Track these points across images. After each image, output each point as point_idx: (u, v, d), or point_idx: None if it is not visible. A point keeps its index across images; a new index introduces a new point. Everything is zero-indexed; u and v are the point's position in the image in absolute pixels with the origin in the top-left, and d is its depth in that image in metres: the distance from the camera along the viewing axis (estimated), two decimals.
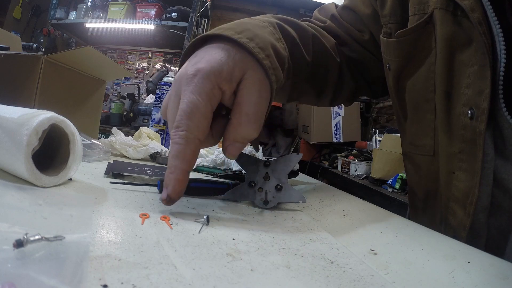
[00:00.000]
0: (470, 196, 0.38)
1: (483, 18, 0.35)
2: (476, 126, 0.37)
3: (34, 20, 2.85)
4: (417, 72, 0.45)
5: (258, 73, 0.33)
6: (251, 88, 0.32)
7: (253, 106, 0.32)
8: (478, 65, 0.36)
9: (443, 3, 0.39)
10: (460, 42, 0.38)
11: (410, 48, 0.45)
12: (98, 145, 0.59)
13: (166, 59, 3.08)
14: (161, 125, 0.87)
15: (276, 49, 0.37)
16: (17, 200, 0.27)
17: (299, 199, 0.39)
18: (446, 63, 0.40)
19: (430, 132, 0.45)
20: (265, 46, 0.35)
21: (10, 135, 0.31)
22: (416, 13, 0.44)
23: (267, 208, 0.39)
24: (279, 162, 0.41)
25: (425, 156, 0.47)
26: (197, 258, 0.22)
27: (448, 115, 0.41)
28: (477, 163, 0.37)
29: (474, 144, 0.38)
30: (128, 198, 0.34)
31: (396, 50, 0.47)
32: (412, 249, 0.28)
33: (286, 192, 0.39)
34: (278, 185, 0.39)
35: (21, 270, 0.16)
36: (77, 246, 0.20)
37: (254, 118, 0.32)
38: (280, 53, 0.38)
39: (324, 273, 0.22)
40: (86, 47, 0.71)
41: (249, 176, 0.40)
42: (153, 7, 2.51)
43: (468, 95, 0.38)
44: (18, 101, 0.63)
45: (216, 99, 0.31)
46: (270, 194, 0.39)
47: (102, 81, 0.88)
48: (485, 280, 0.23)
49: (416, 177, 0.51)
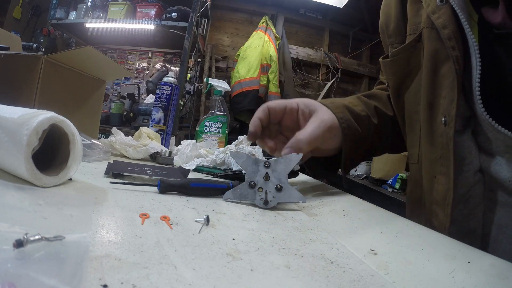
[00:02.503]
0: (447, 197, 0.41)
1: (454, 32, 0.39)
2: (448, 132, 0.40)
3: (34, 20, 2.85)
4: (411, 87, 0.49)
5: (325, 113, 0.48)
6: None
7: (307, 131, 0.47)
8: (452, 76, 0.40)
9: (429, 22, 0.43)
10: (442, 56, 0.42)
11: (403, 65, 0.49)
12: (98, 145, 0.59)
13: (166, 59, 3.08)
14: (161, 125, 0.87)
15: (349, 107, 0.51)
16: (17, 200, 0.27)
17: (299, 199, 0.39)
18: (430, 76, 0.44)
19: (417, 141, 0.49)
20: (339, 105, 0.50)
21: (10, 135, 0.31)
22: (411, 33, 0.48)
23: (267, 208, 0.39)
24: (279, 162, 0.41)
25: (413, 165, 0.52)
26: (197, 258, 0.22)
27: (430, 124, 0.44)
28: (451, 166, 0.40)
29: (448, 149, 0.41)
30: (128, 198, 0.34)
31: (392, 69, 0.52)
32: (412, 249, 0.28)
33: (286, 192, 0.39)
34: (278, 185, 0.39)
35: (21, 270, 0.16)
36: (77, 246, 0.20)
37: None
38: (354, 110, 0.51)
39: (324, 273, 0.22)
40: (86, 47, 0.71)
41: (249, 176, 0.40)
42: (153, 7, 2.51)
43: (444, 105, 0.41)
44: (18, 101, 0.63)
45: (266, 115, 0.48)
46: (270, 194, 0.39)
47: (102, 81, 0.88)
48: (485, 280, 0.23)
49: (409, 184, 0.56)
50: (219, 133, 0.91)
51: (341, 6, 3.00)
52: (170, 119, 0.89)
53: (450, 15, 0.40)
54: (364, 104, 0.55)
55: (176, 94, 0.90)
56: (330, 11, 3.23)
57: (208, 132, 0.91)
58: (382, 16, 0.56)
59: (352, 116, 0.50)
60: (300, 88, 3.26)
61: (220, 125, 0.92)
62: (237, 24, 3.27)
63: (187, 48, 2.27)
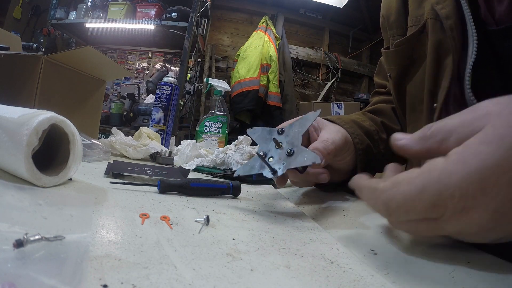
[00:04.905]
0: None
1: (455, 23, 0.39)
2: (433, 119, 0.41)
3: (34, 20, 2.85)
4: (414, 77, 0.49)
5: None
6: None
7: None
8: (449, 66, 0.41)
9: (433, 13, 0.43)
10: (446, 47, 0.42)
11: (407, 56, 0.49)
12: (98, 145, 0.59)
13: (166, 59, 3.08)
14: (161, 125, 0.87)
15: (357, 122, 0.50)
16: (17, 200, 0.27)
17: (312, 160, 0.33)
18: (434, 66, 0.44)
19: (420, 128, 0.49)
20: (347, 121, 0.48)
21: (10, 135, 0.31)
22: (413, 24, 0.48)
23: (276, 177, 0.35)
24: (295, 125, 0.37)
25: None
26: (197, 258, 0.22)
27: (429, 112, 0.45)
28: None
29: None
30: (128, 198, 0.34)
31: (395, 59, 0.51)
32: (412, 249, 0.28)
33: (298, 155, 0.34)
34: (290, 150, 0.35)
35: (21, 270, 0.16)
36: (77, 246, 0.20)
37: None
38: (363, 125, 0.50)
39: (324, 273, 0.22)
40: (86, 47, 0.71)
41: (261, 147, 0.37)
42: (153, 7, 2.51)
43: (440, 93, 0.42)
44: (18, 101, 0.63)
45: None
46: (280, 162, 0.35)
47: (102, 81, 0.88)
48: (485, 280, 0.23)
49: None
50: (219, 133, 0.91)
51: (341, 6, 3.00)
52: (170, 119, 0.89)
53: (453, 6, 0.40)
54: (371, 120, 0.54)
55: (176, 94, 0.90)
56: (330, 11, 3.23)
57: (208, 132, 0.91)
58: (383, 9, 0.56)
59: (362, 131, 0.49)
60: (300, 88, 3.26)
61: (220, 125, 0.92)
62: (237, 24, 3.27)
63: (187, 48, 2.27)
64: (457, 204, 0.21)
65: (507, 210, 0.20)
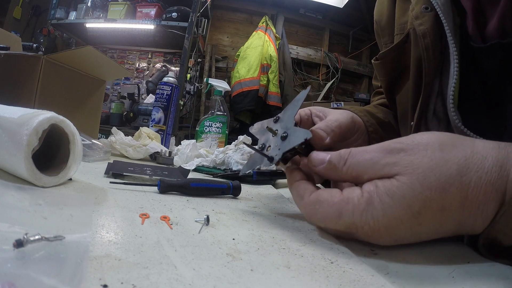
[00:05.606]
0: None
1: (433, 42, 0.38)
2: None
3: (34, 20, 2.85)
4: (403, 89, 0.48)
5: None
6: None
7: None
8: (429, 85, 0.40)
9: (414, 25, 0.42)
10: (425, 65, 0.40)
11: (393, 68, 0.48)
12: (98, 145, 0.59)
13: (166, 59, 3.08)
14: (161, 125, 0.87)
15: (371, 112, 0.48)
16: (17, 200, 0.27)
17: (304, 136, 0.31)
18: (415, 82, 0.43)
19: None
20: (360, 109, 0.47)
21: (10, 135, 0.31)
22: (398, 32, 0.46)
23: (273, 164, 0.34)
24: (287, 109, 0.36)
25: None
26: (197, 258, 0.22)
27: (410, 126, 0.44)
28: None
29: None
30: (128, 198, 0.34)
31: (382, 70, 0.50)
32: (412, 249, 0.28)
33: (291, 136, 0.33)
34: (284, 133, 0.34)
35: (21, 270, 0.16)
36: (77, 246, 0.20)
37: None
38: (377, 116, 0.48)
39: (324, 273, 0.22)
40: (86, 47, 0.71)
41: (261, 140, 0.37)
42: (153, 7, 2.51)
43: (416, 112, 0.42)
44: (18, 101, 0.63)
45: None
46: (275, 148, 0.34)
47: (102, 81, 0.88)
48: (485, 280, 0.23)
49: None
50: (219, 133, 0.91)
51: (341, 6, 3.00)
52: (170, 119, 0.89)
53: (433, 22, 0.38)
54: (383, 112, 0.53)
55: (176, 94, 0.90)
56: (330, 11, 3.24)
57: (208, 132, 0.91)
58: (375, 14, 0.54)
59: (376, 122, 0.47)
60: (300, 88, 3.26)
61: (220, 125, 0.92)
62: (237, 24, 3.28)
63: (187, 48, 2.27)
64: (365, 232, 0.26)
65: (403, 238, 0.27)
